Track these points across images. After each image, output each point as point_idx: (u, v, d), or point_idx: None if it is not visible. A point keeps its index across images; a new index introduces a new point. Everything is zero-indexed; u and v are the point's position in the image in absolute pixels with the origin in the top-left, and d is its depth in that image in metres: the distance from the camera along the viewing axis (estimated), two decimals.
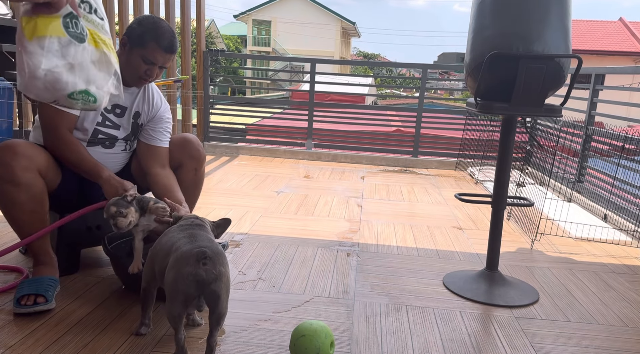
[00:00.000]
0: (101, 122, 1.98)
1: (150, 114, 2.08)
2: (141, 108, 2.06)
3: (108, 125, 2.00)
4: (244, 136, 5.68)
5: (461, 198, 2.27)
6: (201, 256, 1.35)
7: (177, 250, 1.43)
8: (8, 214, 1.80)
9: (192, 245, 1.42)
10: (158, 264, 1.50)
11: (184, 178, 2.13)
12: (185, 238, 1.47)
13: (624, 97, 8.94)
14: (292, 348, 1.52)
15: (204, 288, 1.36)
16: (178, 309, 1.37)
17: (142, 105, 2.06)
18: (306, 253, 2.47)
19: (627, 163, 3.20)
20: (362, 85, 10.49)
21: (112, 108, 1.99)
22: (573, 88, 2.00)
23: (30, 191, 1.76)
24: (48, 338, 1.58)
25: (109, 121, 2.00)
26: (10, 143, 1.75)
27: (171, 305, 1.38)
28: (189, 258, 1.37)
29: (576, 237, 2.95)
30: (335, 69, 25.32)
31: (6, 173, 1.71)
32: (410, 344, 1.68)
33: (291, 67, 22.61)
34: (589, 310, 2.02)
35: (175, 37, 1.96)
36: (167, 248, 1.48)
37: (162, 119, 2.11)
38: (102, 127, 1.99)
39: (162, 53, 1.91)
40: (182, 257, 1.38)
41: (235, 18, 35.88)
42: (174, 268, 1.38)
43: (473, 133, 4.74)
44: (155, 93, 2.11)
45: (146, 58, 1.90)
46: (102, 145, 2.02)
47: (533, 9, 1.84)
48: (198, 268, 1.35)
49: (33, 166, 1.76)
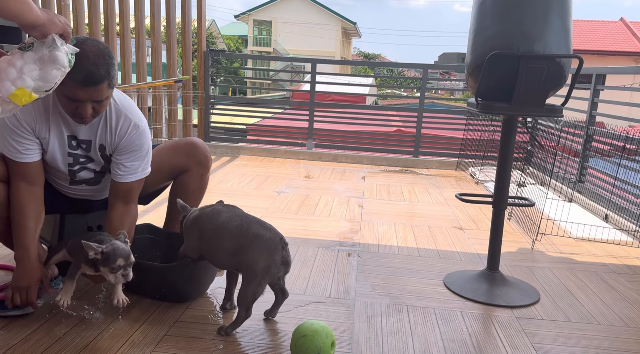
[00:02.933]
0: (72, 162, 1.82)
1: (114, 143, 1.80)
2: (104, 140, 1.80)
3: (82, 161, 1.83)
4: (245, 136, 5.69)
5: (462, 198, 2.27)
6: (284, 242, 1.63)
7: (255, 235, 1.62)
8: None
9: (269, 231, 1.64)
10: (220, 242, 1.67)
11: (190, 183, 2.06)
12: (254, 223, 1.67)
13: (625, 97, 8.93)
14: (293, 348, 1.52)
15: (287, 268, 1.66)
16: (264, 287, 1.64)
17: (104, 136, 1.79)
18: (307, 253, 2.47)
19: (628, 164, 3.19)
20: (362, 85, 10.48)
21: (77, 145, 1.80)
22: (574, 88, 2.00)
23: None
24: (49, 337, 1.58)
25: (81, 158, 1.83)
26: None
27: (258, 285, 1.61)
28: (277, 244, 1.61)
29: (577, 237, 2.95)
30: (335, 69, 25.31)
31: None
32: (411, 345, 1.68)
33: (292, 67, 22.61)
34: (589, 310, 2.01)
35: (101, 64, 1.57)
36: (235, 229, 1.65)
37: (125, 150, 1.80)
38: (75, 166, 1.83)
39: (81, 87, 1.56)
40: (270, 244, 1.61)
41: (236, 18, 35.88)
42: (262, 253, 1.60)
43: (474, 133, 4.73)
44: (118, 118, 1.78)
45: (69, 96, 1.59)
46: (86, 183, 1.90)
47: (534, 9, 1.84)
48: (284, 253, 1.63)
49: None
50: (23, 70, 1.35)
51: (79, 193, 1.93)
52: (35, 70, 1.37)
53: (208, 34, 24.42)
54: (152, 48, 4.89)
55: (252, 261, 1.61)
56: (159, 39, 4.86)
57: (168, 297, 1.86)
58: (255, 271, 1.60)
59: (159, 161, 2.00)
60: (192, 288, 1.90)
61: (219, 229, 1.68)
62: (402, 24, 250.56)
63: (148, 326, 1.69)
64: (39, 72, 1.38)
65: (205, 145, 2.12)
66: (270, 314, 1.80)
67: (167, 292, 1.86)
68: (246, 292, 1.62)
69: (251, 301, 1.63)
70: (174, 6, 4.81)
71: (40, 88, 1.39)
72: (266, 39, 34.41)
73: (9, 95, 1.33)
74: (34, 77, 1.37)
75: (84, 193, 1.94)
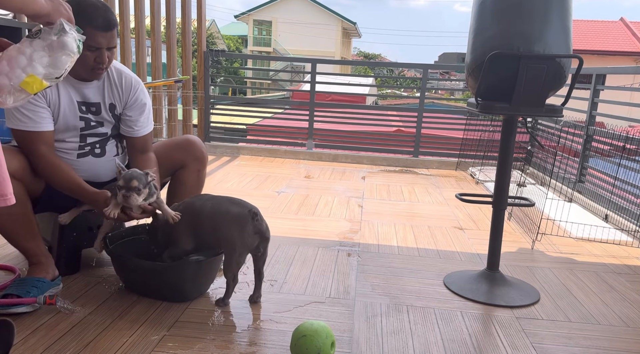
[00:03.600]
0: (84, 126, 1.91)
1: (124, 99, 1.95)
2: (113, 98, 1.93)
3: (92, 125, 1.93)
4: (245, 136, 5.69)
5: (462, 198, 2.27)
6: (253, 213, 1.74)
7: (225, 212, 1.75)
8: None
9: (238, 206, 1.76)
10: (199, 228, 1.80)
11: (187, 179, 2.14)
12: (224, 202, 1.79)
13: (625, 97, 8.93)
14: (293, 348, 1.52)
15: (263, 236, 1.79)
16: (244, 258, 1.79)
17: (112, 95, 1.93)
18: (307, 253, 2.47)
19: (628, 164, 3.19)
20: (362, 85, 10.48)
21: (87, 110, 1.90)
22: (574, 88, 2.00)
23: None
24: (49, 337, 1.58)
25: (92, 122, 1.92)
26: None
27: (239, 257, 1.76)
28: (245, 216, 1.73)
29: (577, 237, 2.95)
30: (335, 69, 25.31)
31: None
32: (411, 345, 1.68)
33: (292, 67, 22.60)
34: (589, 310, 2.01)
35: (109, 10, 1.76)
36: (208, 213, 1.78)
37: (135, 105, 1.96)
38: (87, 130, 1.92)
39: (102, 34, 1.73)
40: (239, 217, 1.74)
41: (236, 18, 35.87)
42: (234, 227, 1.73)
43: (474, 133, 4.73)
44: (120, 76, 1.94)
45: (89, 46, 1.71)
46: (92, 154, 1.96)
47: (534, 9, 1.84)
48: (255, 223, 1.74)
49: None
50: (33, 57, 1.36)
51: (84, 167, 1.94)
52: (44, 57, 1.38)
53: (208, 34, 24.43)
54: (152, 48, 4.89)
55: (228, 236, 1.75)
56: (159, 39, 4.86)
57: (168, 297, 1.86)
58: (232, 245, 1.75)
59: (157, 157, 2.06)
60: (192, 288, 1.90)
61: (198, 216, 1.81)
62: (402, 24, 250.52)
63: (148, 326, 1.69)
64: (48, 59, 1.39)
65: (201, 142, 2.19)
66: (253, 299, 1.91)
67: (168, 292, 1.86)
68: (230, 264, 1.78)
69: (236, 270, 1.80)
70: (174, 6, 4.81)
71: (51, 75, 1.40)
72: (266, 39, 34.40)
73: (20, 83, 1.34)
74: (44, 63, 1.38)
75: (88, 170, 1.95)
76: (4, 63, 1.33)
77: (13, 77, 1.33)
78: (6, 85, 1.32)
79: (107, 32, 1.74)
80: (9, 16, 3.88)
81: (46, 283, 1.82)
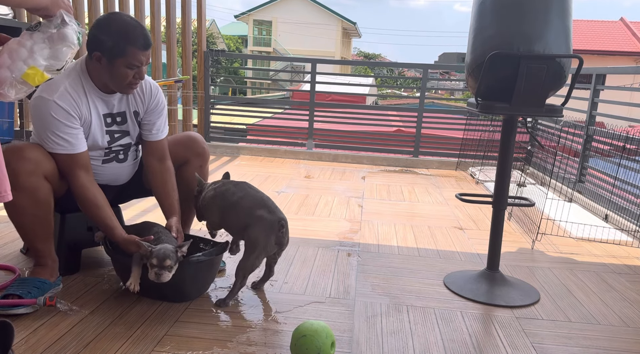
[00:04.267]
0: (110, 139, 1.94)
1: (146, 104, 2.00)
2: (136, 106, 1.98)
3: (117, 137, 1.96)
4: (245, 136, 5.68)
5: (462, 198, 2.27)
6: (281, 225, 1.84)
7: (259, 217, 1.84)
8: (10, 217, 1.80)
9: (272, 214, 1.85)
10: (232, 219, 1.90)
11: (190, 174, 2.16)
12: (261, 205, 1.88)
13: (625, 97, 8.91)
14: (293, 348, 1.52)
15: (281, 248, 1.91)
16: (260, 262, 1.88)
17: (135, 102, 1.98)
18: (307, 253, 2.47)
19: (628, 164, 3.19)
20: (362, 85, 10.48)
21: (112, 121, 1.93)
22: (574, 88, 2.00)
23: (34, 196, 1.74)
24: (49, 337, 1.58)
25: (116, 134, 1.95)
26: (18, 147, 1.73)
27: (256, 259, 1.85)
28: (274, 226, 1.84)
29: (577, 237, 2.95)
30: (335, 69, 25.30)
31: (11, 177, 1.69)
32: (411, 345, 1.68)
33: (292, 67, 22.60)
34: (589, 310, 2.01)
35: (145, 29, 1.82)
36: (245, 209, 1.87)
37: (156, 109, 2.02)
38: (113, 143, 1.96)
39: (143, 53, 1.79)
40: (269, 225, 1.83)
41: (236, 18, 35.87)
42: (262, 233, 1.83)
43: (474, 133, 4.73)
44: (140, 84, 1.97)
45: (131, 64, 1.77)
46: (116, 160, 2.00)
47: (534, 9, 1.84)
48: (279, 234, 1.85)
49: (39, 171, 1.73)
50: (33, 50, 1.37)
51: (107, 172, 1.99)
52: (45, 49, 1.39)
53: (208, 34, 24.42)
54: (152, 48, 4.88)
55: (253, 239, 1.84)
56: (159, 39, 4.86)
57: (168, 297, 1.86)
58: (255, 247, 1.84)
59: None
60: (192, 288, 1.90)
61: (233, 207, 1.90)
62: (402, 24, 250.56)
63: (148, 326, 1.69)
64: (49, 50, 1.40)
65: (202, 138, 2.23)
66: (256, 286, 2.04)
67: (168, 292, 1.86)
68: (245, 264, 1.85)
69: (248, 272, 1.87)
70: (174, 6, 4.81)
71: (52, 67, 1.41)
72: (266, 39, 34.40)
73: (22, 75, 1.34)
74: (45, 55, 1.39)
75: (110, 175, 2.01)
76: (4, 56, 1.34)
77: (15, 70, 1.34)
78: (8, 78, 1.33)
79: (147, 50, 1.81)
80: (9, 16, 3.89)
81: (47, 284, 1.82)
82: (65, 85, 1.77)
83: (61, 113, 1.74)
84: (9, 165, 1.68)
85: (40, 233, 1.82)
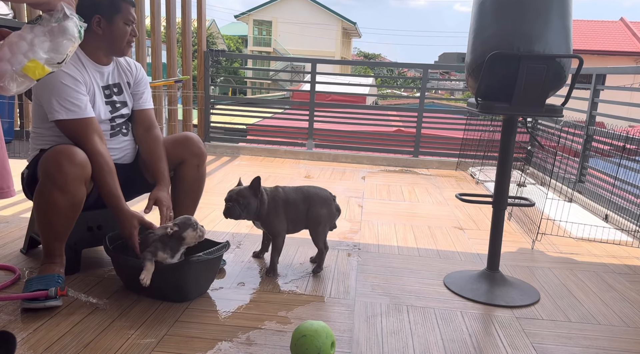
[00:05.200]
0: (112, 109, 2.03)
1: (134, 75, 2.14)
2: (127, 76, 2.11)
3: (118, 107, 2.06)
4: (245, 136, 5.68)
5: (462, 198, 2.26)
6: (333, 196, 2.25)
7: (315, 194, 2.20)
8: (44, 215, 1.81)
9: (323, 190, 2.24)
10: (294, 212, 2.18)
11: (187, 174, 2.18)
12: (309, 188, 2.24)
13: (625, 97, 8.92)
14: (293, 348, 1.52)
15: (339, 213, 2.28)
16: (327, 230, 2.24)
17: (124, 74, 2.11)
18: (307, 253, 2.47)
19: (628, 164, 3.19)
20: (362, 85, 10.47)
21: (111, 92, 2.04)
22: (574, 88, 2.00)
23: (73, 199, 1.79)
24: (49, 337, 1.58)
25: (117, 103, 2.06)
26: (70, 150, 1.76)
27: (325, 227, 2.21)
28: (330, 198, 2.23)
29: (577, 237, 2.95)
30: (335, 69, 25.31)
31: (60, 179, 1.73)
32: (411, 345, 1.68)
33: (292, 67, 22.60)
34: (589, 310, 2.01)
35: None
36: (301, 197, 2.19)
37: (142, 81, 2.16)
38: (115, 113, 2.05)
39: (133, 9, 1.99)
40: (327, 199, 2.21)
41: (236, 18, 35.86)
42: (324, 207, 2.19)
43: (474, 133, 4.73)
44: (125, 60, 2.14)
45: (127, 19, 1.96)
46: (121, 133, 2.08)
47: (534, 9, 1.84)
48: (336, 204, 2.25)
49: (83, 176, 1.78)
50: (34, 43, 1.37)
51: (115, 147, 2.06)
52: (46, 42, 1.39)
53: (208, 34, 24.42)
54: (152, 48, 4.89)
55: (317, 213, 2.17)
56: (159, 39, 4.86)
57: (168, 297, 1.86)
58: (320, 219, 2.18)
59: None
60: (192, 287, 1.90)
61: (292, 203, 2.17)
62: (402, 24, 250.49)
63: (148, 326, 1.69)
64: (49, 44, 1.40)
65: (198, 138, 2.25)
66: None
67: (168, 291, 1.86)
68: (318, 235, 2.20)
69: (324, 239, 2.23)
70: (174, 6, 4.81)
71: (53, 60, 1.41)
72: (266, 39, 34.40)
73: (22, 68, 1.35)
74: (45, 48, 1.39)
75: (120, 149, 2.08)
76: (5, 49, 1.34)
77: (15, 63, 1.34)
78: (8, 71, 1.33)
79: (134, 7, 1.99)
80: (9, 15, 3.89)
81: (62, 278, 1.85)
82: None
83: (69, 79, 1.85)
84: (59, 166, 1.71)
85: (63, 233, 1.87)
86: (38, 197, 1.79)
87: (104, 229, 2.11)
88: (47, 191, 1.76)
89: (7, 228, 2.53)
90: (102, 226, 2.11)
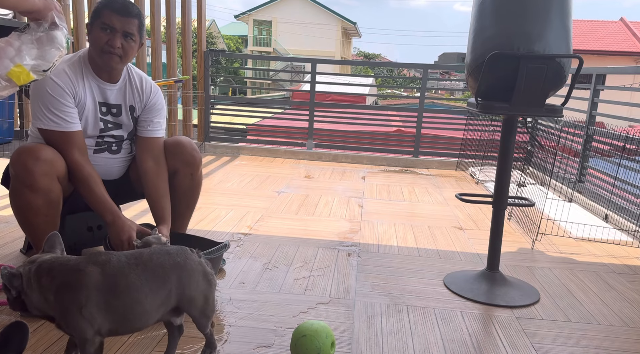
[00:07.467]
0: (103, 127, 1.95)
1: (142, 103, 2.02)
2: (133, 101, 2.00)
3: (110, 127, 1.97)
4: (245, 136, 5.68)
5: (462, 198, 2.26)
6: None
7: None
8: (21, 216, 1.80)
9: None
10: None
11: (180, 184, 2.08)
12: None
13: (625, 97, 8.90)
14: (293, 348, 1.52)
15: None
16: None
17: (132, 97, 2.00)
18: (307, 253, 2.47)
19: (628, 164, 3.19)
20: (362, 85, 10.47)
21: (108, 111, 1.95)
22: (574, 88, 2.00)
23: (47, 197, 1.76)
24: (49, 338, 1.58)
25: (110, 123, 1.97)
26: (33, 148, 1.74)
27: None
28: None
29: (577, 237, 2.95)
30: (335, 69, 25.31)
31: (27, 178, 1.71)
32: (411, 344, 1.68)
33: (292, 67, 22.60)
34: (589, 310, 2.02)
35: (134, 6, 1.87)
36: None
37: (153, 108, 2.03)
38: (106, 132, 1.97)
39: (118, 17, 1.79)
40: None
41: (236, 18, 35.87)
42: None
43: (474, 133, 4.73)
44: (141, 80, 2.03)
45: (104, 25, 1.79)
46: (108, 150, 2.00)
47: (534, 9, 1.84)
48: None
49: (53, 172, 1.75)
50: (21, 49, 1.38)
51: (99, 163, 1.97)
52: (33, 49, 1.40)
53: (208, 34, 24.41)
54: (152, 48, 4.89)
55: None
56: (159, 39, 4.86)
57: None
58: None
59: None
60: None
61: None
62: (402, 24, 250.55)
63: None
64: (37, 51, 1.41)
65: (192, 142, 2.12)
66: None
67: None
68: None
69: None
70: (174, 6, 4.81)
71: (39, 68, 1.41)
72: (266, 39, 34.40)
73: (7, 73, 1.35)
74: (33, 55, 1.40)
75: (103, 166, 1.99)
76: None
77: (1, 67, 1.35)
78: None
79: (124, 17, 1.80)
80: (9, 15, 3.89)
81: None
82: (64, 66, 1.82)
83: (56, 90, 1.78)
84: (25, 165, 1.70)
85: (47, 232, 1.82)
86: (12, 200, 1.78)
87: (103, 229, 2.11)
88: (19, 192, 1.75)
89: (7, 228, 2.53)
90: (102, 226, 2.11)
